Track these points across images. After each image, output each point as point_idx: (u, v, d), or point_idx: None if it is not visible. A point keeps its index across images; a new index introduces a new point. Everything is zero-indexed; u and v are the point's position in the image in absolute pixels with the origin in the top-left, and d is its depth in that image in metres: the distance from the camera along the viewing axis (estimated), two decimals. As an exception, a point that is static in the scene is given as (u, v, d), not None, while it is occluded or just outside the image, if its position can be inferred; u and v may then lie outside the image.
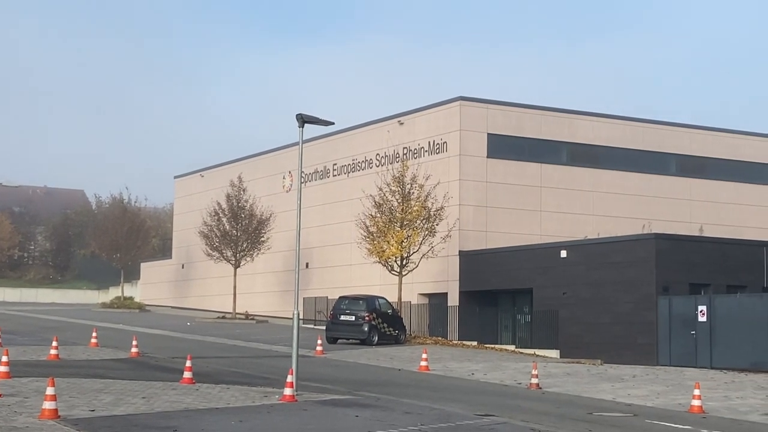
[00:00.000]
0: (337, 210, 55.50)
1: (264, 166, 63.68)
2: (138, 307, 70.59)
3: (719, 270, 40.03)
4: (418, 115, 51.11)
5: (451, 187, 47.21)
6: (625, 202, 51.44)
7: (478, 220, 48.19)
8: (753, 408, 22.72)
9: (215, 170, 70.13)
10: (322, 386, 22.64)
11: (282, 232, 57.70)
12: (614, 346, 39.23)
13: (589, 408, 21.49)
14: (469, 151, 48.40)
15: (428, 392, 22.95)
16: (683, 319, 37.35)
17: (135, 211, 77.80)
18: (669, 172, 53.37)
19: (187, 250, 71.25)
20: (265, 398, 19.37)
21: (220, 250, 57.85)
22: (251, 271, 59.67)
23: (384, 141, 52.16)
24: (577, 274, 41.77)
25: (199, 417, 16.33)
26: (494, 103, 49.67)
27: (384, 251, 43.39)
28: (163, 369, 25.97)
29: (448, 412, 18.71)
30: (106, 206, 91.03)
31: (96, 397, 18.14)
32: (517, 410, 20.05)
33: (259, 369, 27.53)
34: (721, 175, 54.56)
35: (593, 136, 51.42)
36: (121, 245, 72.28)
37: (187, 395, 19.13)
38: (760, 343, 35.01)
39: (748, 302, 36.58)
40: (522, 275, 44.43)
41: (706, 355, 36.36)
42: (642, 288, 39.00)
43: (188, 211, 71.65)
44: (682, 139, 53.93)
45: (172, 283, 74.52)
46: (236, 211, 57.82)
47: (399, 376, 27.88)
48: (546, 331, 42.61)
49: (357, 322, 39.34)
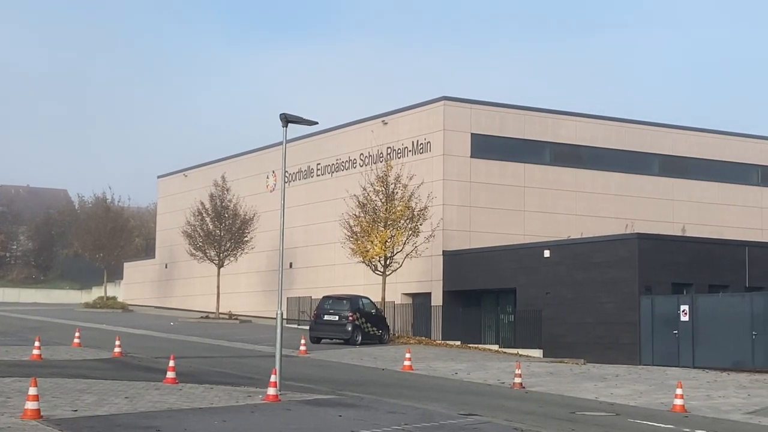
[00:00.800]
0: (320, 210, 55.48)
1: (248, 165, 63.58)
2: (121, 307, 70.34)
3: (701, 270, 40.22)
4: (401, 114, 51.15)
5: (434, 187, 47.27)
6: (608, 202, 51.62)
7: (462, 219, 48.27)
8: (735, 407, 22.85)
9: (199, 170, 69.95)
10: (305, 386, 22.63)
11: (266, 232, 57.63)
12: (597, 346, 39.36)
13: (572, 407, 21.56)
14: (453, 151, 48.47)
15: (412, 392, 22.97)
16: (666, 318, 37.50)
17: (118, 210, 77.49)
18: (651, 172, 53.58)
19: (170, 250, 71.08)
20: (249, 398, 19.36)
21: (203, 250, 57.72)
22: (235, 270, 59.57)
23: (368, 141, 52.17)
24: (560, 273, 41.89)
25: (182, 417, 16.30)
26: (478, 103, 49.75)
27: (368, 251, 43.41)
28: (147, 369, 25.91)
29: (431, 412, 18.74)
30: (89, 206, 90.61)
31: (79, 397, 18.08)
32: (501, 410, 20.10)
33: (242, 369, 27.50)
34: (704, 176, 54.81)
35: (576, 137, 51.58)
36: (104, 245, 72.00)
37: (170, 395, 19.09)
38: (742, 342, 35.20)
39: (731, 302, 36.76)
40: (505, 275, 44.52)
41: (688, 355, 36.52)
42: (625, 288, 39.14)
43: (171, 210, 71.46)
44: (664, 140, 54.15)
45: (156, 282, 74.31)
46: (220, 210, 57.70)
47: (382, 375, 27.90)
48: (529, 331, 42.72)
49: (341, 321, 39.36)
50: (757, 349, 34.85)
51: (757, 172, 56.30)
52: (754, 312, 35.24)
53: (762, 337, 34.66)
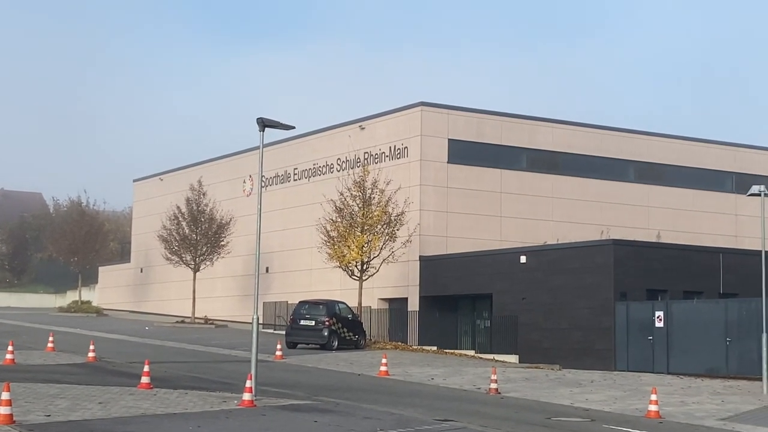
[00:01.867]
0: (297, 214, 55.39)
1: (224, 170, 63.43)
2: (96, 312, 69.90)
3: (676, 276, 40.43)
4: (379, 120, 51.19)
5: (411, 192, 47.30)
6: (584, 208, 51.82)
7: (439, 225, 48.32)
8: (709, 413, 22.98)
9: (175, 174, 69.71)
10: (281, 391, 22.58)
11: (242, 237, 57.48)
12: (572, 352, 39.48)
13: (547, 413, 21.62)
14: (430, 157, 48.53)
15: (387, 397, 22.97)
16: (641, 324, 37.66)
17: (93, 214, 77.05)
18: (627, 179, 53.83)
19: (146, 254, 70.77)
20: (224, 403, 19.29)
21: (179, 254, 57.48)
22: (211, 275, 59.37)
23: (345, 146, 52.16)
24: (536, 279, 41.99)
25: (156, 422, 16.23)
26: (455, 108, 49.85)
27: (344, 256, 43.38)
28: (121, 374, 25.77)
29: (407, 417, 18.74)
30: (64, 209, 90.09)
31: (52, 402, 17.96)
32: (476, 415, 20.13)
33: (217, 374, 27.41)
34: (679, 182, 55.14)
35: (553, 143, 51.78)
36: (79, 249, 71.58)
37: (144, 400, 19.00)
38: (716, 348, 35.40)
39: (705, 308, 36.96)
40: (482, 280, 44.59)
41: (662, 361, 36.69)
42: (600, 293, 39.29)
43: (147, 214, 71.17)
44: (640, 146, 54.44)
45: (131, 287, 73.96)
46: (196, 215, 57.49)
47: (358, 381, 27.88)
48: (505, 337, 42.79)
49: (317, 326, 39.31)
50: (730, 355, 35.06)
51: (731, 179, 56.67)
52: (728, 318, 35.45)
53: (736, 343, 34.88)
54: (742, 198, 49.32)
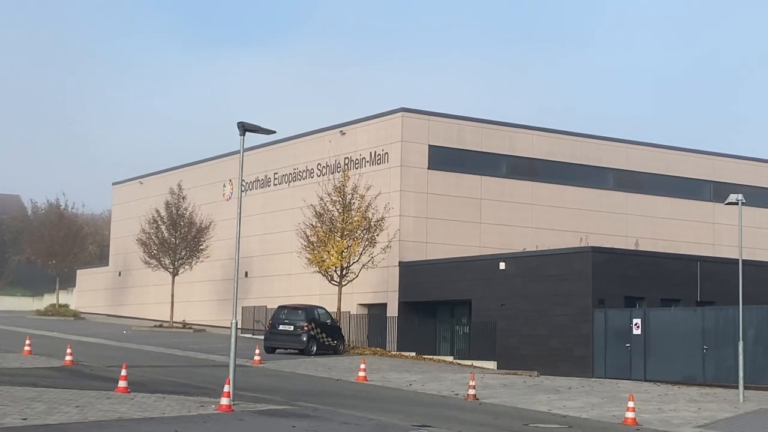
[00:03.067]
0: (277, 219, 55.34)
1: (204, 174, 63.30)
2: (73, 315, 69.50)
3: (654, 284, 40.64)
4: (360, 125, 51.23)
5: (391, 198, 47.37)
6: (563, 215, 52.02)
7: (419, 231, 48.38)
8: (685, 420, 23.10)
9: (154, 177, 69.52)
10: (259, 396, 22.54)
11: (221, 241, 57.35)
12: (551, 358, 39.61)
13: (525, 419, 21.68)
14: (410, 163, 48.61)
15: (366, 403, 22.97)
16: (618, 331, 37.83)
17: (72, 217, 76.61)
18: (606, 187, 54.09)
19: (124, 258, 70.49)
20: (202, 408, 19.24)
21: (158, 258, 57.28)
22: (189, 279, 59.19)
23: (326, 151, 52.17)
24: (515, 286, 42.11)
25: (133, 427, 16.17)
26: (436, 115, 49.97)
27: (324, 261, 43.37)
28: (98, 378, 25.65)
29: (385, 423, 18.75)
30: (42, 212, 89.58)
31: (28, 406, 17.86)
32: (454, 421, 20.16)
33: (195, 378, 27.32)
34: (657, 191, 55.44)
35: (532, 150, 51.96)
36: (57, 252, 71.19)
37: (121, 404, 18.93)
38: (693, 356, 35.61)
39: (682, 316, 37.18)
40: (461, 287, 44.67)
41: (640, 368, 36.87)
42: (578, 300, 39.45)
43: (126, 218, 70.91)
44: (619, 154, 54.71)
45: (109, 290, 73.64)
46: (175, 218, 57.31)
47: (337, 386, 27.87)
48: (484, 343, 42.88)
49: (296, 331, 39.26)
50: (707, 363, 35.27)
51: (709, 187, 57.03)
52: (705, 326, 35.66)
53: (712, 351, 35.09)
54: (720, 206, 49.79)
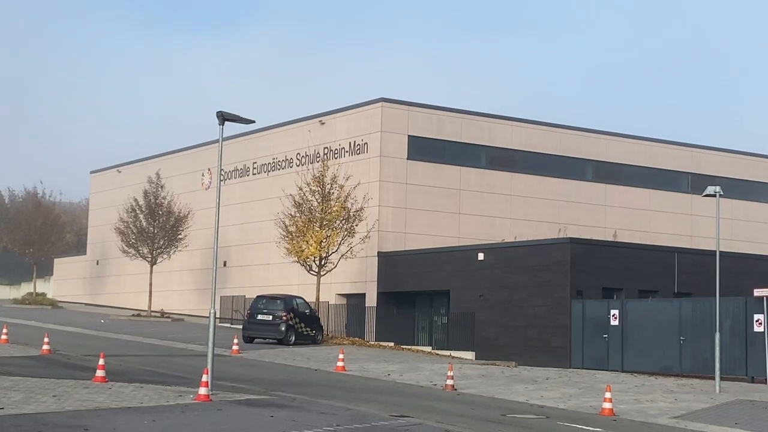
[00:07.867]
0: (256, 209, 55.22)
1: (183, 162, 63.06)
2: (51, 304, 69.14)
3: (632, 275, 40.82)
4: (339, 115, 51.13)
5: (371, 188, 47.33)
6: (542, 206, 52.15)
7: (397, 221, 48.39)
8: (662, 411, 23.23)
9: (133, 166, 69.20)
10: (237, 386, 22.51)
11: (200, 230, 57.19)
12: (528, 349, 39.75)
13: (502, 409, 21.75)
14: (390, 153, 48.59)
15: (344, 393, 22.98)
16: (596, 322, 37.98)
17: (49, 205, 76.24)
18: (585, 178, 54.25)
19: (102, 247, 70.18)
20: (180, 397, 19.19)
21: (136, 247, 57.04)
22: (168, 268, 58.99)
23: (305, 140, 52.07)
24: (494, 276, 42.21)
25: (111, 416, 16.11)
26: (416, 105, 49.94)
27: (303, 251, 43.32)
28: (75, 367, 25.55)
29: (363, 413, 18.77)
30: (19, 200, 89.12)
31: (5, 395, 17.77)
32: (432, 411, 20.20)
33: (173, 368, 27.25)
34: (636, 182, 55.66)
35: (512, 141, 52.04)
36: (35, 240, 70.84)
37: (99, 394, 18.86)
38: (670, 347, 35.79)
39: (659, 307, 37.34)
40: (439, 277, 44.73)
41: (617, 359, 37.03)
42: (556, 291, 39.58)
43: (104, 206, 70.58)
44: (598, 146, 54.87)
45: (87, 279, 73.32)
46: (154, 207, 57.08)
47: (315, 376, 27.87)
48: (462, 333, 42.98)
49: (274, 321, 39.23)
50: (684, 354, 35.45)
51: (687, 179, 57.31)
52: (682, 317, 35.84)
53: (689, 342, 35.28)
54: (698, 198, 50.02)
